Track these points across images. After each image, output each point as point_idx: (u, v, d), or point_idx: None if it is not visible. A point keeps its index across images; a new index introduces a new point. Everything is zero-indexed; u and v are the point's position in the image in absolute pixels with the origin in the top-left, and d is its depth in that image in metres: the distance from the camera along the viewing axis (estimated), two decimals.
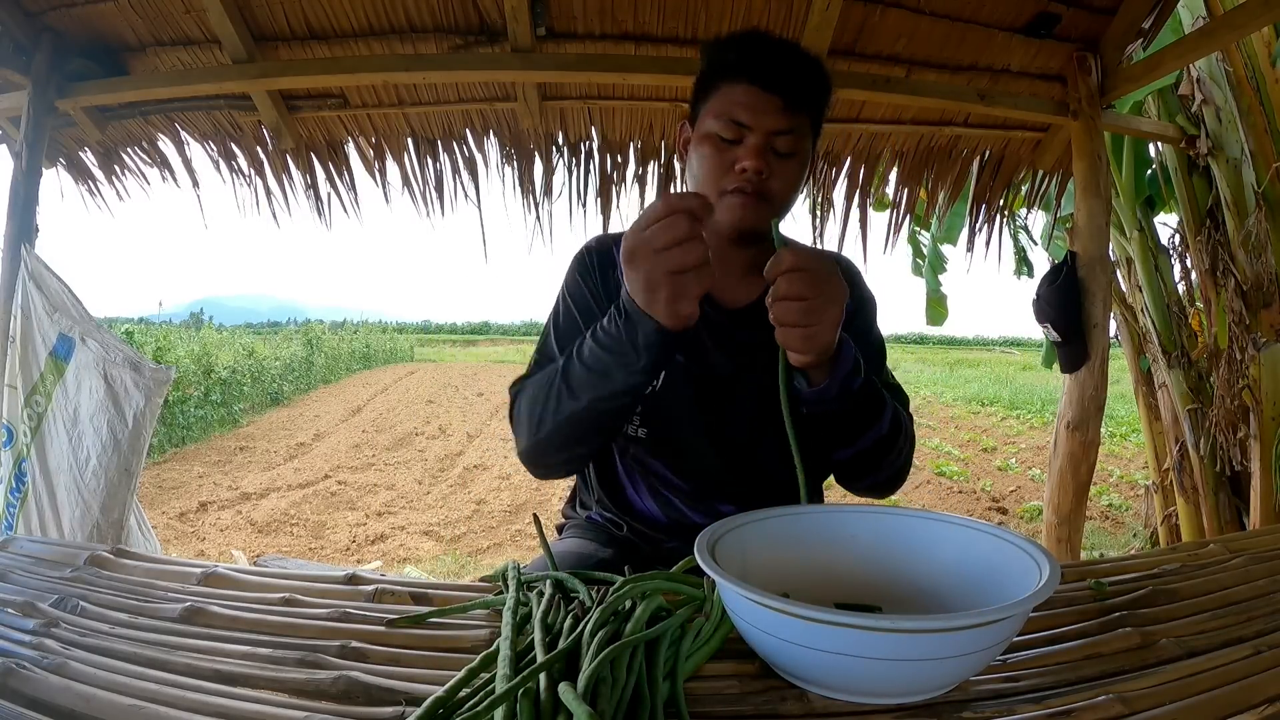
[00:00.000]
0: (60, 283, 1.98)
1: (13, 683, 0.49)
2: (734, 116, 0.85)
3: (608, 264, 0.97)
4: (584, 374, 0.78)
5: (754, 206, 0.86)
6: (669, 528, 0.97)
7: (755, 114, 0.84)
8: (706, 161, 0.87)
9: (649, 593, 0.62)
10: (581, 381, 0.78)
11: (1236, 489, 2.74)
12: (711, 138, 0.87)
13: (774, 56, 0.86)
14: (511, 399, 0.91)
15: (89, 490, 1.93)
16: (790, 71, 0.86)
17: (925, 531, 0.67)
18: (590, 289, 0.96)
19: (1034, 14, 1.96)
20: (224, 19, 1.85)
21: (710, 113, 0.87)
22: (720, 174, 0.86)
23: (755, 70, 0.85)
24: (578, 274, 0.97)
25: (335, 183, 2.35)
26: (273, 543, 4.46)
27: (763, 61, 0.85)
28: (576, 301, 0.95)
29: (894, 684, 0.50)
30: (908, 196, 2.49)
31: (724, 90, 0.87)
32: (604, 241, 1.00)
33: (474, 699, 0.48)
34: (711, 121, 0.87)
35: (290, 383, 11.89)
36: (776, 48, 0.87)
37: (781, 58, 0.86)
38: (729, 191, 0.86)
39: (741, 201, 0.86)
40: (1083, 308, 2.07)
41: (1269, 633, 0.60)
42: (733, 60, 0.87)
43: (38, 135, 2.01)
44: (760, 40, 0.88)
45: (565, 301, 0.97)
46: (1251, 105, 2.38)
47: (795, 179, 0.89)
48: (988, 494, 5.62)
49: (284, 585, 0.70)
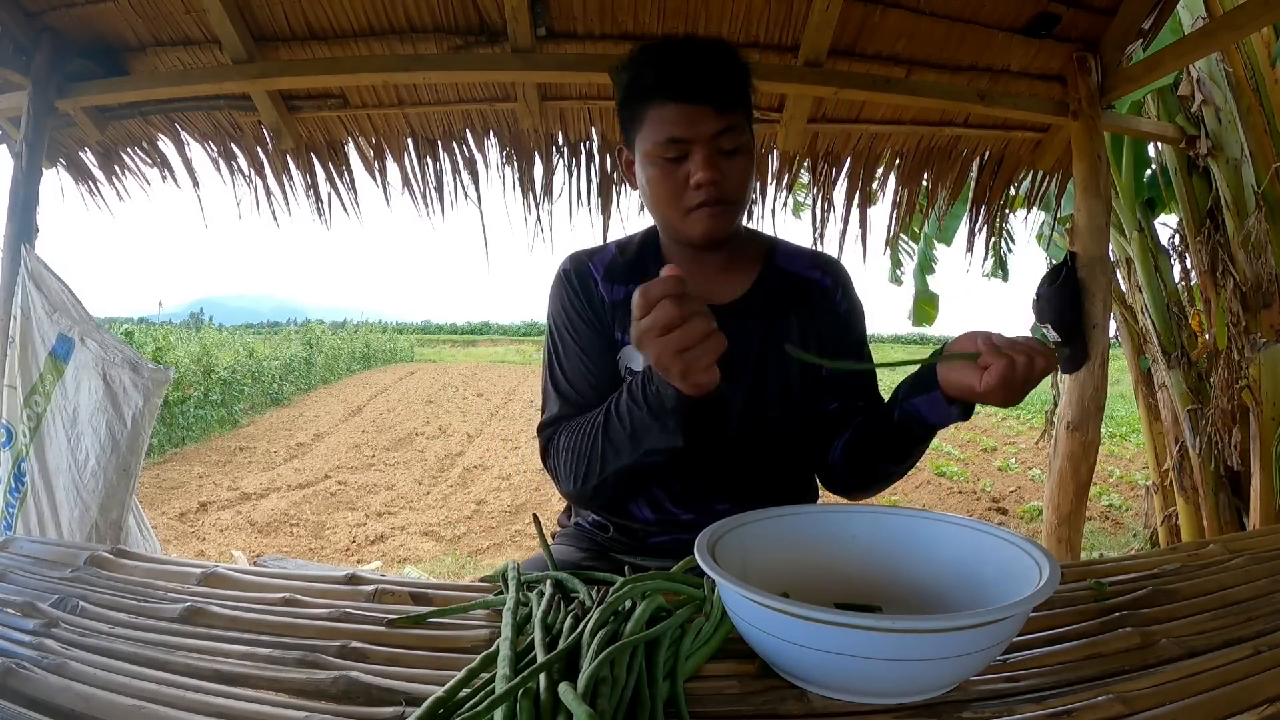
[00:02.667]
0: (60, 283, 1.98)
1: (13, 683, 0.49)
2: (671, 135, 0.84)
3: (588, 280, 0.98)
4: (623, 434, 0.80)
5: (720, 214, 0.87)
6: (659, 528, 0.97)
7: (691, 127, 0.84)
8: (658, 184, 0.88)
9: (649, 593, 0.62)
10: (622, 440, 0.80)
11: (1236, 489, 2.73)
12: (656, 160, 0.87)
13: (689, 67, 0.85)
14: (545, 444, 0.93)
15: (88, 490, 1.93)
16: (709, 75, 0.85)
17: (925, 531, 0.67)
18: (578, 310, 0.96)
19: (1034, 14, 1.96)
20: (224, 19, 1.85)
21: (647, 138, 0.87)
22: (677, 193, 0.87)
23: (676, 87, 0.84)
24: (563, 299, 0.98)
25: (335, 183, 2.35)
26: (273, 543, 4.46)
27: (681, 75, 0.84)
28: (572, 326, 0.96)
29: (894, 684, 0.50)
30: (908, 197, 2.49)
31: (652, 112, 0.86)
32: (579, 259, 1.00)
33: (474, 699, 0.48)
34: (650, 145, 0.86)
35: (290, 383, 11.89)
36: (687, 56, 0.86)
37: (696, 65, 0.85)
38: (692, 207, 0.87)
39: (708, 213, 0.87)
40: (1083, 308, 2.07)
41: (1269, 633, 0.60)
42: (651, 82, 0.86)
43: (38, 135, 2.01)
44: (669, 53, 0.86)
45: (559, 331, 0.97)
46: (1251, 105, 2.38)
47: (747, 172, 0.90)
48: (988, 494, 5.62)
49: (284, 585, 0.70)
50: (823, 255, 1.06)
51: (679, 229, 0.91)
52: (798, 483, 1.02)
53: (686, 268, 0.96)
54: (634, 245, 1.02)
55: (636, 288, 0.97)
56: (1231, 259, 2.49)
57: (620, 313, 0.95)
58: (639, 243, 1.02)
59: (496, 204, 2.43)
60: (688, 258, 0.97)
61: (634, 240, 1.03)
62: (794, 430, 0.97)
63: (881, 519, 0.69)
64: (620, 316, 0.95)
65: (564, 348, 0.96)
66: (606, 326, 0.96)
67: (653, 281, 0.65)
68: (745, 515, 0.67)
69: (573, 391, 0.94)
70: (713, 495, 0.96)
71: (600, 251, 1.01)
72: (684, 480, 0.96)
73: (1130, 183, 2.93)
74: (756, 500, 0.84)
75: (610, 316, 0.96)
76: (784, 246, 1.05)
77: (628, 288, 0.96)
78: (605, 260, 0.99)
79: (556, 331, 0.98)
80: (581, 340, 0.95)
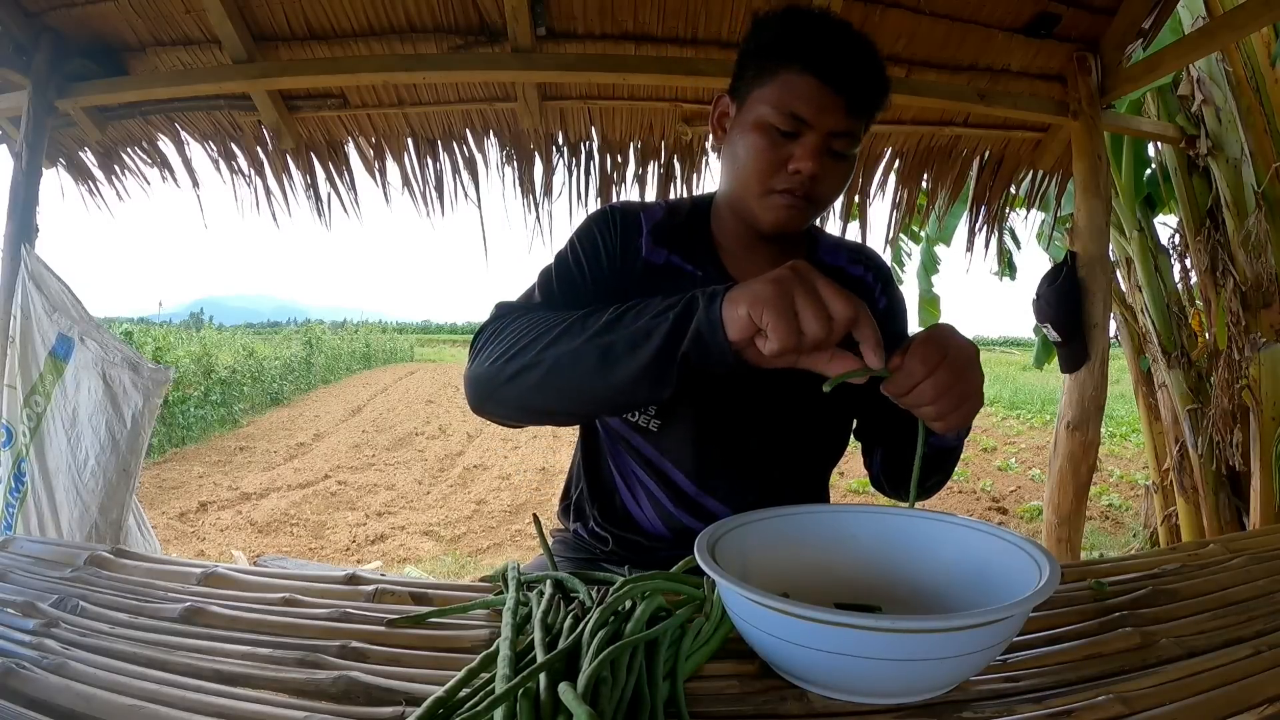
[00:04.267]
0: (60, 283, 1.98)
1: (13, 683, 0.49)
2: (793, 110, 0.78)
3: (632, 228, 0.90)
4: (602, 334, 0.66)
5: (800, 210, 0.82)
6: (664, 534, 0.92)
7: (818, 111, 0.78)
8: (755, 153, 0.81)
9: (649, 593, 0.62)
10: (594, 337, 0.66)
11: (1236, 489, 2.74)
12: (765, 127, 0.80)
13: (845, 52, 0.79)
14: (493, 316, 0.80)
15: (88, 490, 1.93)
16: (860, 71, 0.79)
17: (925, 531, 0.67)
18: (606, 244, 0.88)
19: (1034, 14, 1.96)
20: (224, 19, 1.85)
21: (765, 99, 0.80)
22: (771, 170, 0.81)
23: (824, 64, 0.77)
24: (595, 226, 0.90)
25: (335, 183, 2.35)
26: (273, 543, 4.46)
27: (834, 56, 0.78)
28: (586, 250, 0.88)
29: (894, 684, 0.50)
30: (908, 197, 2.49)
31: (784, 77, 0.79)
32: (629, 207, 0.93)
33: (474, 699, 0.48)
34: (766, 109, 0.80)
35: (290, 383, 11.89)
36: (848, 42, 0.80)
37: (853, 54, 0.79)
38: (777, 190, 0.81)
39: (789, 203, 0.82)
40: (1083, 308, 2.07)
41: (1269, 633, 0.60)
42: (803, 46, 0.78)
43: (38, 135, 2.01)
44: (832, 29, 0.80)
45: (574, 246, 0.89)
46: (1251, 105, 2.38)
47: (843, 183, 0.84)
48: (988, 494, 5.62)
49: (284, 585, 0.70)
50: (863, 249, 1.02)
51: (751, 207, 0.84)
52: (814, 495, 0.98)
53: (736, 253, 0.93)
54: (684, 212, 0.94)
55: (677, 257, 0.88)
56: (1231, 259, 2.49)
57: (652, 278, 0.88)
58: (689, 211, 0.95)
59: (496, 204, 2.43)
60: (741, 243, 0.91)
61: (684, 206, 0.95)
62: (822, 439, 0.94)
63: (881, 519, 0.69)
64: (652, 283, 0.88)
65: (573, 262, 0.87)
66: (630, 283, 0.88)
67: (867, 312, 0.59)
68: (745, 515, 0.67)
69: (561, 303, 0.83)
70: (726, 498, 0.90)
71: (650, 208, 0.94)
72: (698, 479, 0.90)
73: (1130, 182, 2.93)
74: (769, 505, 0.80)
75: (639, 277, 0.88)
76: (825, 239, 1.00)
77: (669, 255, 0.90)
78: (654, 218, 0.92)
79: (573, 247, 0.89)
80: (595, 271, 0.86)
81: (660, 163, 2.33)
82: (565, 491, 1.06)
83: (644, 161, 2.33)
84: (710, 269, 0.91)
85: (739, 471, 0.91)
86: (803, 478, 0.96)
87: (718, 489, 0.91)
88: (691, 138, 2.26)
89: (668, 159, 2.32)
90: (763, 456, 0.92)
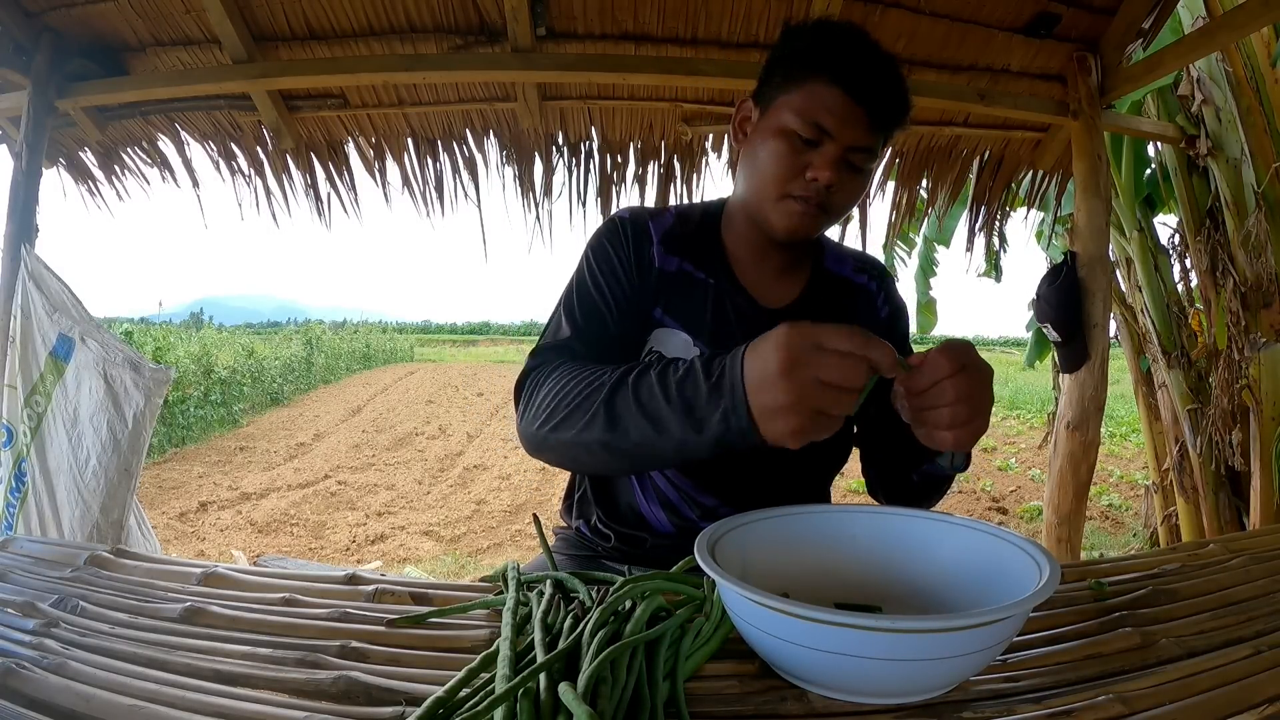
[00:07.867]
0: (60, 283, 1.98)
1: (13, 683, 0.49)
2: (817, 119, 0.80)
3: (643, 238, 0.91)
4: (632, 411, 0.67)
5: (814, 217, 0.84)
6: (669, 531, 0.93)
7: (840, 123, 0.80)
8: (777, 159, 0.82)
9: (649, 593, 0.62)
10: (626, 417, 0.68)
11: (1236, 489, 2.74)
12: (787, 134, 0.82)
13: (873, 69, 0.81)
14: (530, 367, 0.82)
15: (89, 490, 1.93)
16: (885, 89, 0.81)
17: (925, 531, 0.67)
18: (621, 259, 0.89)
19: (1034, 14, 1.96)
20: (224, 19, 1.85)
21: (790, 106, 0.82)
22: (788, 176, 0.82)
23: (852, 78, 0.79)
24: (607, 240, 0.91)
25: (335, 183, 2.35)
26: (273, 543, 4.46)
27: (862, 71, 0.80)
28: (603, 270, 0.89)
29: (894, 684, 0.50)
30: (907, 197, 2.49)
31: (810, 87, 0.81)
32: (639, 214, 0.94)
33: (474, 699, 0.48)
34: (790, 116, 0.81)
35: (290, 383, 11.88)
36: (876, 59, 0.82)
37: (880, 72, 0.81)
38: (793, 196, 0.83)
39: (803, 210, 0.83)
40: (1083, 308, 2.07)
41: (1269, 633, 0.60)
42: (830, 58, 0.80)
43: (38, 135, 2.01)
44: (862, 45, 0.82)
45: (590, 268, 0.90)
46: (1251, 105, 2.38)
47: (856, 196, 0.86)
48: (988, 494, 5.62)
49: (284, 585, 0.70)
50: (866, 257, 1.03)
51: (765, 211, 0.86)
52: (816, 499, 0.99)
53: (746, 261, 0.95)
54: (694, 219, 0.96)
55: (689, 264, 0.88)
56: (1231, 259, 2.49)
57: (666, 287, 0.90)
58: (699, 218, 0.96)
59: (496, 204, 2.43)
60: (751, 251, 0.93)
61: (694, 213, 0.97)
62: (827, 445, 0.95)
63: (881, 519, 0.69)
64: (665, 291, 0.90)
65: (591, 286, 0.88)
66: (646, 294, 0.89)
67: (877, 341, 0.57)
68: (745, 515, 0.67)
69: (587, 331, 0.85)
70: (740, 501, 0.90)
71: (660, 215, 0.95)
72: (713, 484, 0.92)
73: (1130, 182, 2.93)
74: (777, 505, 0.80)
75: (654, 286, 0.90)
76: (831, 247, 1.02)
77: (681, 263, 0.91)
78: (664, 226, 0.93)
79: (588, 268, 0.90)
80: (611, 287, 0.88)
81: (660, 163, 2.33)
82: (568, 489, 1.07)
83: (644, 161, 2.33)
84: (722, 277, 0.93)
85: (742, 472, 0.92)
86: (806, 483, 0.97)
87: (722, 489, 0.92)
88: (691, 138, 2.26)
89: (667, 159, 2.32)
90: (768, 460, 0.91)
